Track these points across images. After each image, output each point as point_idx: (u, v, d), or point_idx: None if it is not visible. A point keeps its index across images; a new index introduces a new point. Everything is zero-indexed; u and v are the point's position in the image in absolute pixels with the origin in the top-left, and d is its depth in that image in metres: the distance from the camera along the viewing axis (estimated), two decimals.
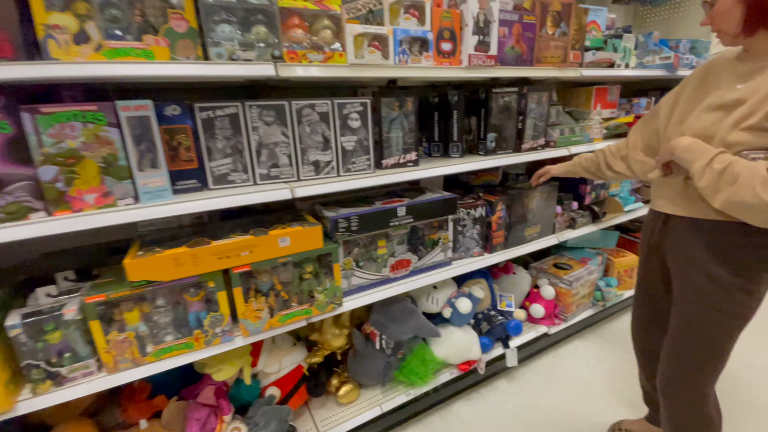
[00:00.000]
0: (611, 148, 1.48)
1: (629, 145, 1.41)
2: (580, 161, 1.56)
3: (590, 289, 2.23)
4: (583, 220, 2.02)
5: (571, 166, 1.58)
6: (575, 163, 1.57)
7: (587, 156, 1.55)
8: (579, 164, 1.56)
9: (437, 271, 1.60)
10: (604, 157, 1.48)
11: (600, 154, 1.50)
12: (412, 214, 1.40)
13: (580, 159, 1.56)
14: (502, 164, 1.59)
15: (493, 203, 1.66)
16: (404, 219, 1.38)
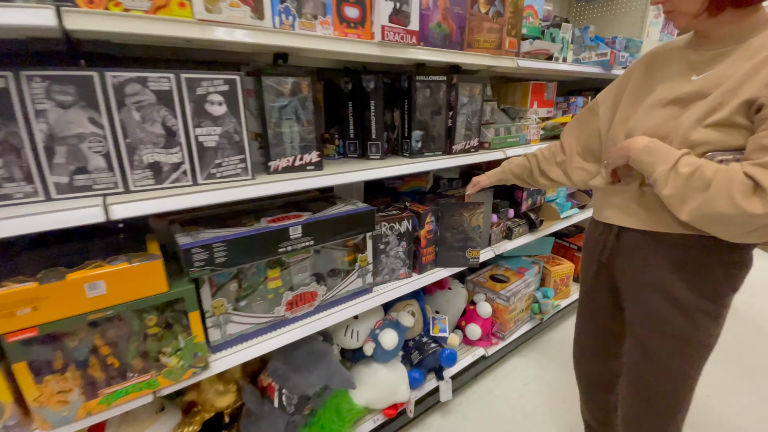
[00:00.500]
0: (544, 152, 1.27)
1: (565, 150, 1.21)
2: (510, 167, 1.34)
3: (528, 303, 2.06)
4: (519, 230, 1.83)
5: (501, 173, 1.36)
6: (505, 169, 1.35)
7: (518, 161, 1.33)
8: (509, 170, 1.34)
9: (353, 303, 1.27)
10: (537, 162, 1.27)
11: (532, 159, 1.28)
12: (312, 234, 1.05)
13: (510, 165, 1.34)
14: (430, 168, 1.31)
15: (421, 215, 1.38)
16: (300, 241, 1.03)
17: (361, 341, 1.46)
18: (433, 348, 1.65)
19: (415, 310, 1.68)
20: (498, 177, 1.35)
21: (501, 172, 1.35)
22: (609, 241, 1.06)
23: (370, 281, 1.30)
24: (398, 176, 1.50)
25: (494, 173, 1.37)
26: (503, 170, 1.35)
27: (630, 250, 1.01)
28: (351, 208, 1.15)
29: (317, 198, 1.29)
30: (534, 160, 1.28)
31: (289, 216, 1.07)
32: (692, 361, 0.96)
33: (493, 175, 1.37)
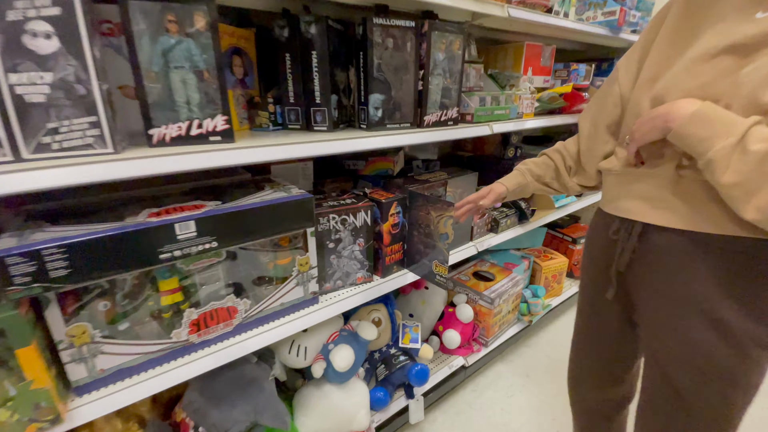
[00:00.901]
0: (569, 145, 0.99)
1: (583, 136, 0.94)
2: (529, 168, 1.04)
3: (515, 303, 1.80)
4: (507, 221, 1.56)
5: (519, 176, 1.04)
6: (522, 171, 1.04)
7: (538, 160, 1.04)
8: (529, 171, 1.03)
9: (291, 318, 0.99)
10: (563, 160, 0.99)
11: (556, 156, 1.00)
12: (213, 232, 0.75)
13: (528, 165, 1.04)
14: (392, 144, 1.00)
15: (383, 204, 1.08)
16: (194, 243, 0.73)
17: (310, 359, 1.19)
18: (401, 362, 1.39)
19: (381, 316, 1.41)
20: (516, 182, 1.03)
21: (519, 174, 1.04)
22: (628, 242, 0.79)
23: (314, 289, 1.02)
24: (350, 154, 1.20)
25: (511, 178, 1.05)
26: (521, 173, 1.04)
27: (658, 256, 0.74)
28: (279, 197, 0.85)
29: (245, 183, 0.99)
30: (559, 157, 0.99)
31: (184, 207, 0.77)
32: (738, 407, 0.70)
33: (509, 180, 1.05)
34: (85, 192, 0.85)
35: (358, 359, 1.22)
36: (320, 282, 1.06)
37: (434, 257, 1.12)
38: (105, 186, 0.86)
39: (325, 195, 1.10)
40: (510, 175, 1.05)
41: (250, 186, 0.94)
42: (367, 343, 1.26)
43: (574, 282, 2.29)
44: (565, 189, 1.02)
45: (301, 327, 1.00)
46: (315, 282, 1.01)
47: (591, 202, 2.17)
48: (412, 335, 1.45)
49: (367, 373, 1.42)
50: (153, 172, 0.66)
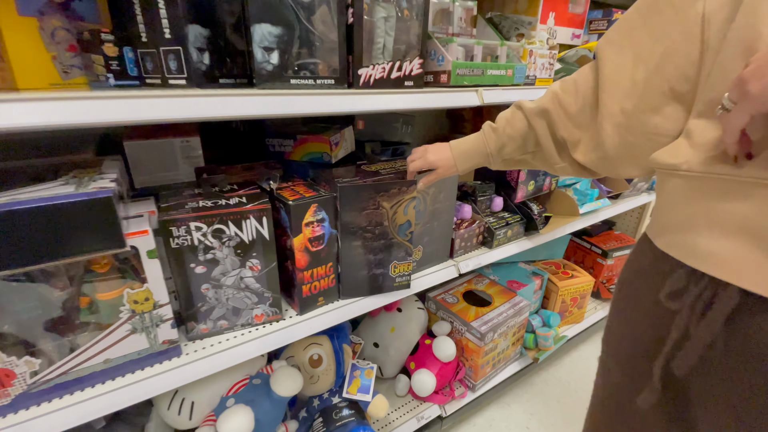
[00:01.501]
0: (567, 105, 0.57)
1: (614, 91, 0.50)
2: (502, 127, 0.67)
3: (518, 336, 1.38)
4: (507, 232, 1.12)
5: (478, 143, 0.69)
6: (488, 133, 0.68)
7: (520, 116, 0.65)
8: (502, 132, 0.67)
9: (127, 381, 0.63)
10: (550, 129, 0.62)
11: (539, 123, 0.63)
12: None
13: (503, 122, 0.67)
14: (290, 112, 0.61)
15: (292, 208, 0.70)
16: None
17: (198, 419, 0.84)
18: (344, 419, 1.02)
19: (322, 353, 1.04)
20: (472, 148, 0.68)
21: (479, 140, 0.68)
22: (702, 324, 0.38)
23: (170, 337, 0.66)
24: (273, 131, 0.83)
25: (464, 144, 0.70)
26: (484, 136, 0.68)
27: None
28: (55, 194, 0.48)
29: (55, 167, 0.62)
30: (543, 125, 0.63)
31: None
32: None
33: (460, 144, 0.70)
34: None
35: (267, 423, 0.87)
36: (187, 323, 0.70)
37: (391, 258, 0.75)
38: None
39: (199, 192, 0.72)
40: (463, 140, 0.72)
41: (48, 174, 0.58)
42: (284, 401, 0.90)
43: (601, 304, 1.83)
44: (550, 169, 0.65)
45: (152, 392, 0.65)
46: (171, 326, 0.65)
47: (633, 205, 1.67)
48: (363, 382, 1.07)
49: (303, 424, 1.07)
50: None
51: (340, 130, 0.87)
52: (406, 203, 0.72)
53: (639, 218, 2.04)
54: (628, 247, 1.79)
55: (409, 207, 0.74)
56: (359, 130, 0.97)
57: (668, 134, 0.47)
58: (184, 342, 0.72)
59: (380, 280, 0.82)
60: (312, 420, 1.06)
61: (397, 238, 0.76)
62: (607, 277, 1.85)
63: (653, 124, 0.48)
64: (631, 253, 0.57)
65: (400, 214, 0.74)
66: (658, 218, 0.51)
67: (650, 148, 0.49)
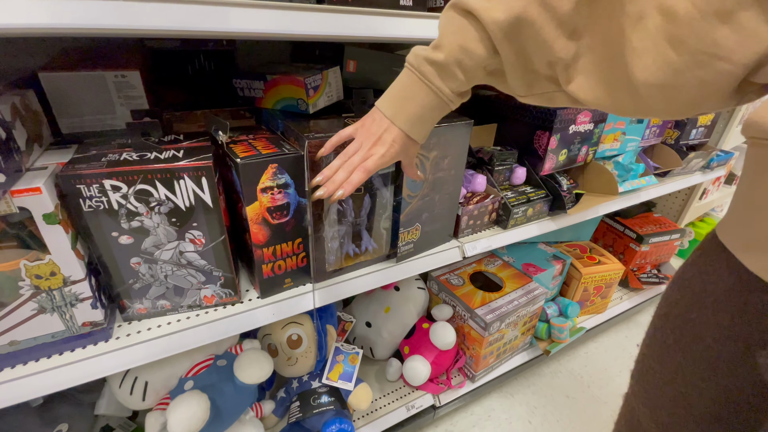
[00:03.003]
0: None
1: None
2: (455, 59, 0.43)
3: (528, 326, 1.23)
4: (528, 210, 0.94)
5: (429, 97, 0.47)
6: (433, 76, 0.45)
7: (476, 36, 0.41)
8: (456, 71, 0.44)
9: (38, 367, 0.52)
10: (548, 21, 0.37)
11: (535, 13, 0.37)
12: None
13: (454, 51, 0.43)
14: (239, 28, 0.43)
15: (242, 168, 0.54)
16: None
17: (152, 400, 0.75)
18: (322, 406, 0.92)
19: (302, 333, 0.93)
20: (426, 106, 0.48)
21: (427, 92, 0.46)
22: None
23: (93, 317, 0.54)
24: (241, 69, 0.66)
25: (409, 106, 0.48)
26: (432, 84, 0.46)
27: None
28: None
29: None
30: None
31: None
32: None
33: (409, 112, 0.48)
34: None
35: (231, 410, 0.77)
36: (120, 301, 0.58)
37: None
38: None
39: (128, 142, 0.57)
40: (407, 96, 0.48)
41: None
42: (252, 390, 0.80)
43: (628, 294, 1.64)
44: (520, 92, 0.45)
45: (73, 381, 0.54)
46: (92, 305, 0.53)
47: (682, 186, 1.42)
48: (346, 368, 0.96)
49: (281, 404, 0.98)
50: None
51: (322, 71, 0.68)
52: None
53: (685, 201, 1.78)
54: (669, 233, 1.56)
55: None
56: (350, 74, 0.78)
57: (733, 61, 0.28)
58: (119, 323, 0.60)
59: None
60: (289, 402, 0.97)
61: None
62: (640, 265, 1.64)
63: (712, 39, 0.28)
64: (690, 266, 0.39)
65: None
66: (748, 221, 0.32)
67: (696, 84, 0.29)
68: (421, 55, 0.45)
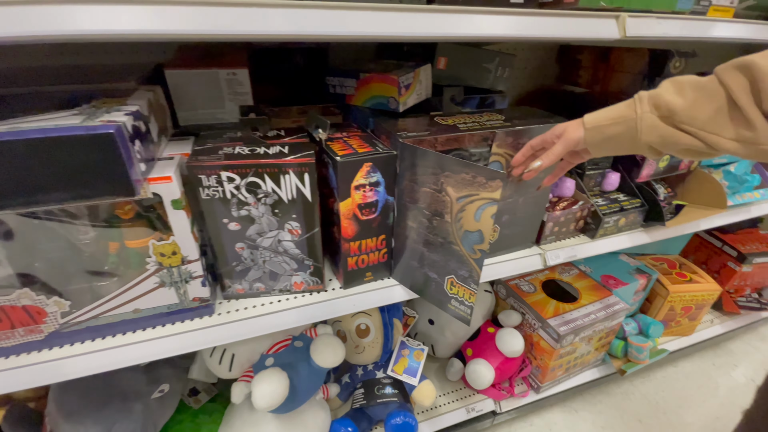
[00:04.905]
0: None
1: None
2: (659, 96, 0.47)
3: (603, 342, 1.15)
4: (619, 220, 0.87)
5: (626, 109, 0.51)
6: (641, 99, 0.48)
7: (691, 81, 0.46)
8: (653, 101, 0.48)
9: (156, 333, 0.59)
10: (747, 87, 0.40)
11: (735, 79, 0.41)
12: None
13: (663, 89, 0.47)
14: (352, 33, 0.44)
15: (340, 165, 0.56)
16: None
17: (238, 371, 0.82)
18: (386, 397, 0.94)
19: (371, 323, 0.96)
20: (613, 118, 0.51)
21: (626, 107, 0.51)
22: None
23: (201, 294, 0.60)
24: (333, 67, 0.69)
25: (607, 113, 0.52)
26: (634, 102, 0.50)
27: None
28: (36, 126, 0.40)
29: (88, 94, 0.55)
30: (740, 82, 0.42)
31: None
32: None
33: (602, 116, 0.52)
34: None
35: (305, 389, 0.82)
36: (222, 281, 0.63)
37: (448, 268, 0.59)
38: None
39: (241, 135, 0.61)
40: (610, 108, 0.52)
41: (81, 102, 0.51)
42: (324, 372, 0.83)
43: (720, 317, 1.46)
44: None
45: (180, 349, 0.61)
46: (202, 284, 0.59)
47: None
48: (411, 363, 0.97)
49: (345, 389, 1.02)
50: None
51: (414, 69, 0.68)
52: (481, 204, 0.52)
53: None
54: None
55: (485, 212, 0.51)
56: (439, 71, 0.77)
57: None
58: (219, 300, 0.66)
59: (432, 287, 0.66)
60: (353, 388, 1.01)
61: (459, 247, 0.57)
62: (738, 287, 1.45)
63: None
64: None
65: (468, 217, 0.53)
66: None
67: None
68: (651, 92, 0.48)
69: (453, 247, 0.57)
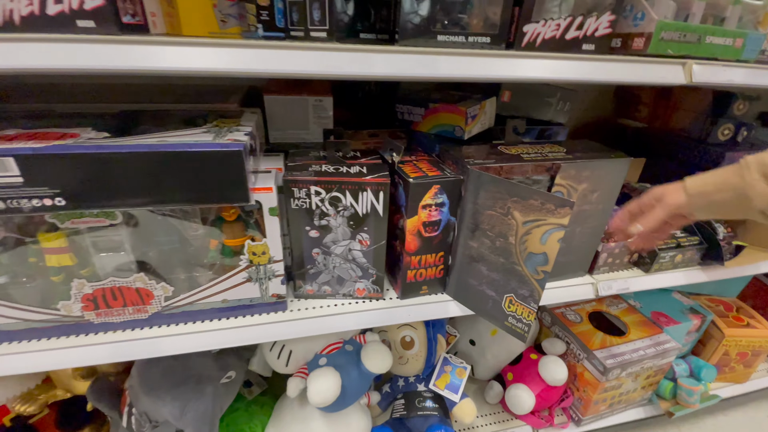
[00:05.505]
0: None
1: None
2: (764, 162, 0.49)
3: (651, 381, 1.12)
4: (675, 257, 0.86)
5: (734, 176, 0.52)
6: (749, 164, 0.51)
7: None
8: (762, 169, 0.49)
9: (237, 323, 0.67)
10: None
11: None
12: (56, 183, 0.46)
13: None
14: (429, 75, 0.51)
15: (411, 187, 0.62)
16: (25, 194, 0.45)
17: (293, 367, 0.89)
18: (426, 410, 0.97)
19: (415, 336, 1.00)
20: (719, 185, 0.53)
21: (734, 172, 0.52)
22: None
23: (279, 291, 0.67)
24: (400, 95, 0.76)
25: (712, 177, 0.54)
26: (741, 168, 0.51)
27: None
28: (189, 141, 0.49)
29: (204, 114, 0.66)
30: None
31: (48, 134, 0.49)
32: None
33: (707, 180, 0.55)
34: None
35: (353, 391, 0.86)
36: (295, 281, 0.71)
37: (508, 287, 0.63)
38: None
39: (324, 155, 0.69)
40: (714, 173, 0.53)
41: (198, 120, 0.61)
42: (372, 377, 0.88)
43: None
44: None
45: (255, 339, 0.68)
46: (281, 282, 0.66)
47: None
48: (453, 380, 1.00)
49: (385, 399, 1.06)
50: None
51: (481, 102, 0.74)
52: (549, 229, 0.56)
53: None
54: None
55: (551, 236, 0.56)
56: (503, 103, 0.82)
57: None
58: (291, 298, 0.73)
59: (489, 304, 0.70)
60: (394, 398, 1.05)
61: (521, 267, 0.61)
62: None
63: None
64: None
65: (534, 240, 0.58)
66: None
67: None
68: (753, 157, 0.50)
69: (515, 267, 0.61)
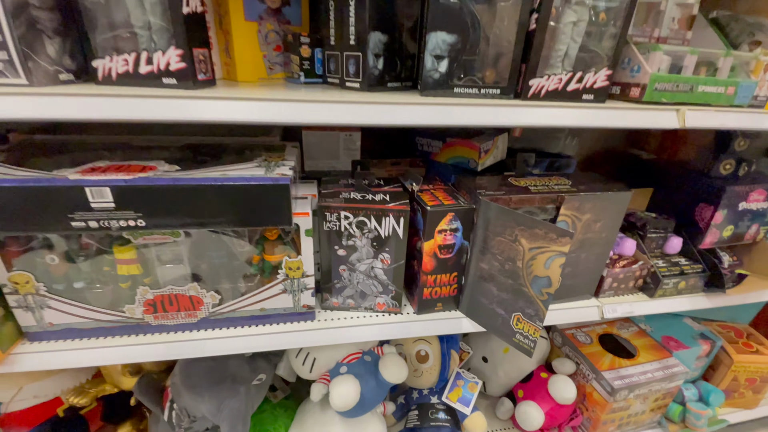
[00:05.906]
0: None
1: None
2: None
3: (660, 404, 1.14)
4: (679, 283, 0.91)
5: None
6: None
7: None
8: None
9: (272, 330, 0.76)
10: None
11: None
12: (139, 207, 0.56)
13: None
14: (445, 122, 0.60)
15: (429, 213, 0.70)
16: (114, 216, 0.56)
17: (316, 374, 0.97)
18: (439, 422, 1.03)
19: (430, 350, 1.06)
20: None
21: None
22: None
23: (309, 302, 0.76)
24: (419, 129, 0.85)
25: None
26: None
27: None
28: (246, 175, 0.59)
29: (243, 147, 0.76)
30: None
31: (131, 167, 0.60)
32: None
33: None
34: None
35: (370, 399, 0.93)
36: (322, 294, 0.79)
37: (516, 307, 0.70)
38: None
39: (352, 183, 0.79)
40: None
41: (246, 151, 0.72)
42: (389, 386, 0.95)
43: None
44: None
45: (287, 344, 0.77)
46: (311, 294, 0.75)
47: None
48: (465, 394, 1.05)
49: (400, 409, 1.12)
50: (63, 116, 0.50)
51: (493, 137, 0.83)
52: (551, 255, 0.63)
53: None
54: None
55: (554, 262, 0.63)
56: (515, 137, 0.90)
57: None
58: (318, 309, 0.82)
59: (498, 322, 0.76)
60: (408, 409, 1.10)
61: (528, 289, 0.68)
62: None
63: None
64: None
65: (539, 264, 0.65)
66: None
67: None
68: None
69: (522, 289, 0.68)
